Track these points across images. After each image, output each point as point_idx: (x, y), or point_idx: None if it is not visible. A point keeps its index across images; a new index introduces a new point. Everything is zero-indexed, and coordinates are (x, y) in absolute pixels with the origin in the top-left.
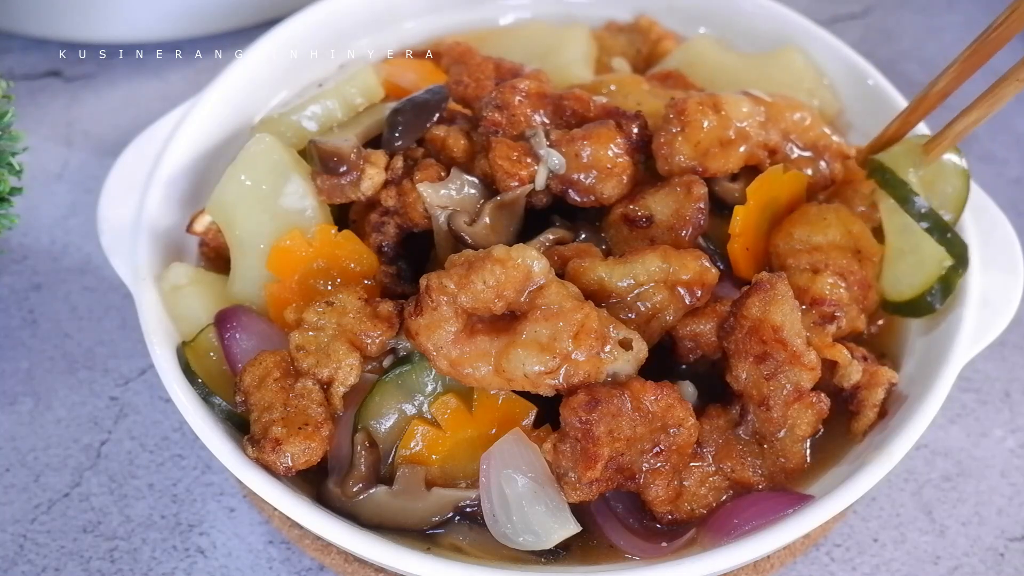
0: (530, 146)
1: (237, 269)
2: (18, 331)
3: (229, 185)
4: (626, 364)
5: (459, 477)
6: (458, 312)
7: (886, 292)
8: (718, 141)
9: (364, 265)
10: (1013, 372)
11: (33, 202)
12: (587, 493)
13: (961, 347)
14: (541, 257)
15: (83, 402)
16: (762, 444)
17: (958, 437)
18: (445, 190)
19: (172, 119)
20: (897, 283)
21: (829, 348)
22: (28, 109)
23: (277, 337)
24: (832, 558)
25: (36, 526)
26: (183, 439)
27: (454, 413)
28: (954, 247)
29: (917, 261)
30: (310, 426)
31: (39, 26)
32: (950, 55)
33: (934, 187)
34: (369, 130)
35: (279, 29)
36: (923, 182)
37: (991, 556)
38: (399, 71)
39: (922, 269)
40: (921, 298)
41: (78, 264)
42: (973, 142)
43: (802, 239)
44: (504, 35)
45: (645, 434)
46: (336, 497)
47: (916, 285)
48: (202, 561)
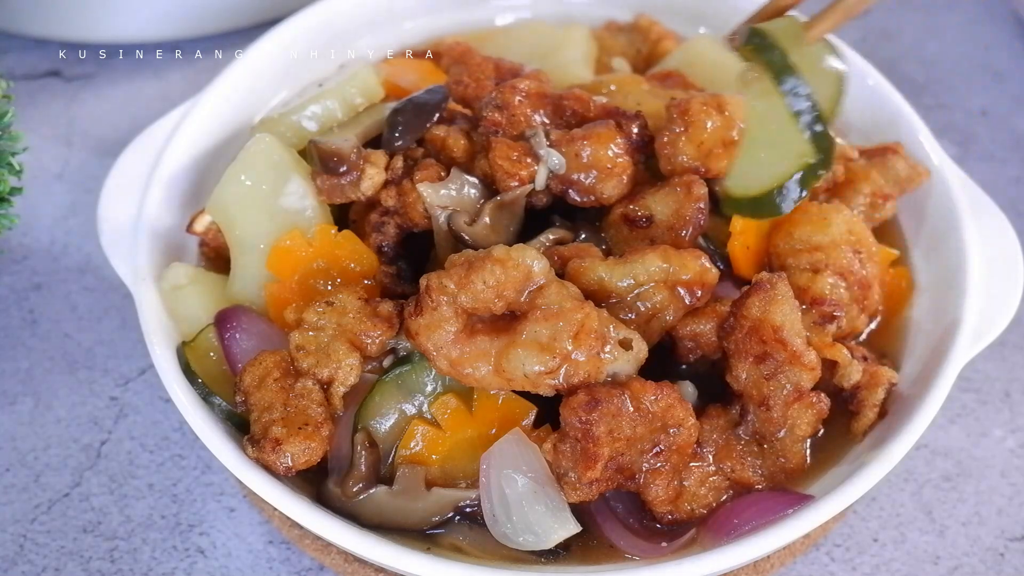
0: (530, 146)
1: (237, 269)
2: (18, 331)
3: (229, 185)
4: (626, 364)
5: (459, 477)
6: (458, 312)
7: (730, 187)
8: (721, 141)
9: (364, 265)
10: (1013, 372)
11: (33, 202)
12: (587, 493)
13: (961, 347)
14: (541, 257)
15: (83, 402)
16: (762, 444)
17: (958, 437)
18: (445, 190)
19: (172, 119)
20: (744, 176)
21: (829, 348)
22: (28, 109)
23: (277, 337)
24: (832, 558)
25: (36, 526)
26: (183, 439)
27: (454, 413)
28: (821, 143)
29: (775, 153)
30: (310, 426)
31: (39, 26)
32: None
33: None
34: (369, 130)
35: (279, 29)
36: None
37: (991, 556)
38: (399, 71)
39: (778, 162)
40: (768, 195)
41: (78, 264)
42: (973, 142)
43: (802, 239)
44: (504, 35)
45: (645, 434)
46: (336, 497)
47: (766, 180)
48: (202, 561)
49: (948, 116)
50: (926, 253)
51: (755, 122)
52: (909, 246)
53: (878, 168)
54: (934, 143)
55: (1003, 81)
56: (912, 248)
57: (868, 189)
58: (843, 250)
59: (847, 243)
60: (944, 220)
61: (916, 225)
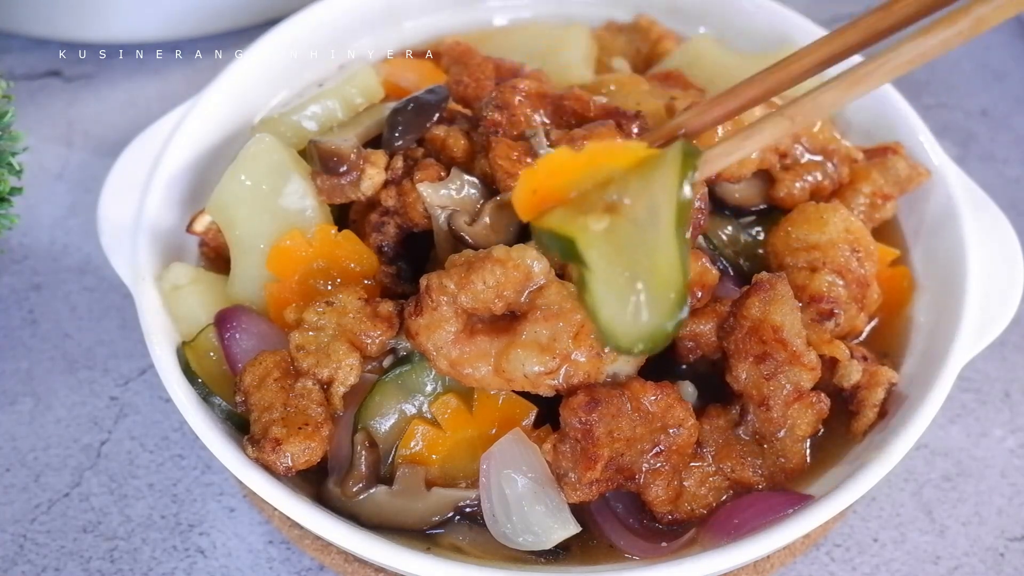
0: (530, 146)
1: (237, 269)
2: (18, 331)
3: (229, 185)
4: (626, 364)
5: (459, 477)
6: (458, 312)
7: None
8: None
9: (364, 265)
10: (1013, 372)
11: (33, 202)
12: (587, 493)
13: (961, 347)
14: (541, 257)
15: (83, 402)
16: (762, 444)
17: (958, 437)
18: (445, 190)
19: (172, 119)
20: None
21: (828, 344)
22: (28, 109)
23: (277, 337)
24: (832, 558)
25: (36, 526)
26: (183, 439)
27: (454, 413)
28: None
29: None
30: (310, 426)
31: (39, 26)
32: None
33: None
34: (369, 130)
35: (279, 29)
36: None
37: (991, 556)
38: (399, 71)
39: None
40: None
41: (78, 264)
42: (973, 142)
43: (800, 238)
44: (504, 35)
45: (645, 434)
46: (336, 497)
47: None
48: (202, 561)
49: (948, 116)
50: (926, 253)
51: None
52: (909, 246)
53: (878, 168)
54: (934, 143)
55: (1003, 81)
56: (912, 248)
57: (868, 189)
58: (841, 248)
59: (845, 242)
60: (944, 220)
61: (916, 225)
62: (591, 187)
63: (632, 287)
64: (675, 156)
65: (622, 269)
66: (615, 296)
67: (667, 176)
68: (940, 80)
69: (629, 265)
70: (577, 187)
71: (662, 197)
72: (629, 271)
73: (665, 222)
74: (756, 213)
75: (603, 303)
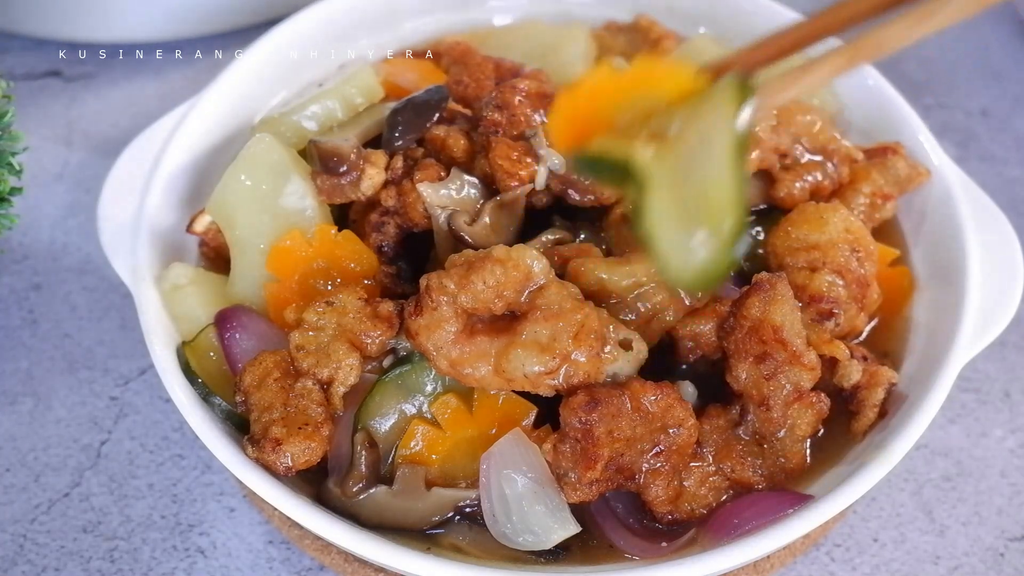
0: (530, 146)
1: (237, 269)
2: (18, 331)
3: (229, 185)
4: (626, 364)
5: (459, 477)
6: (458, 312)
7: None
8: None
9: (364, 265)
10: (1013, 372)
11: (33, 202)
12: (587, 493)
13: (961, 347)
14: (541, 257)
15: (83, 402)
16: (762, 444)
17: (958, 437)
18: (445, 190)
19: (172, 119)
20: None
21: (827, 344)
22: (28, 109)
23: (277, 337)
24: (832, 558)
25: (36, 526)
26: (183, 439)
27: (454, 413)
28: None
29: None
30: (310, 426)
31: (39, 26)
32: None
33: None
34: (369, 130)
35: (279, 29)
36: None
37: (991, 556)
38: (399, 71)
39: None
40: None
41: (78, 264)
42: (973, 142)
43: (799, 238)
44: (504, 35)
45: (645, 434)
46: (336, 497)
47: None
48: (202, 561)
49: (948, 116)
50: (926, 253)
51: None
52: (909, 246)
53: (878, 168)
54: (934, 143)
55: (1003, 81)
56: (912, 248)
57: (868, 189)
58: (841, 248)
59: (845, 242)
60: (944, 220)
61: (916, 225)
62: (632, 118)
63: (690, 214)
64: (729, 84)
65: (678, 195)
66: (674, 223)
67: (721, 105)
68: (940, 80)
69: (684, 193)
70: (619, 113)
71: (717, 126)
72: (685, 199)
73: (719, 151)
74: (756, 213)
75: (662, 230)
